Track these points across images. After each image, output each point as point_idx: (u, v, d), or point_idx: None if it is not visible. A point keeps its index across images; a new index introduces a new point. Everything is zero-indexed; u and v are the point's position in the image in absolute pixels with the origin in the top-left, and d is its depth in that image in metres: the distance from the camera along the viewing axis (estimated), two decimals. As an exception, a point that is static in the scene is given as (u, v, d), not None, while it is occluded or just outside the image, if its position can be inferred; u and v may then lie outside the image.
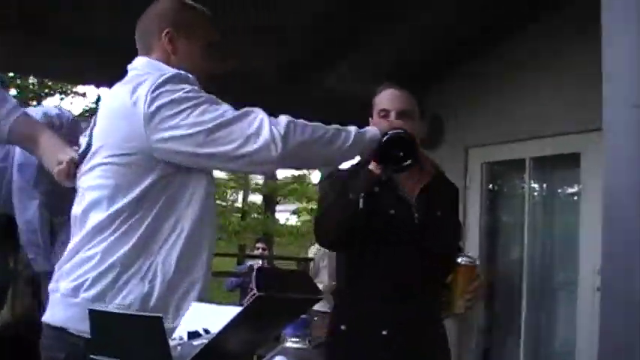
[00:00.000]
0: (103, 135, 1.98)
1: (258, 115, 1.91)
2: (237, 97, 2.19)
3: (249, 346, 1.15)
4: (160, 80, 1.91)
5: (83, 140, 2.08)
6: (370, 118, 2.54)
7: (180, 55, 2.11)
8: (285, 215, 22.95)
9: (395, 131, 2.19)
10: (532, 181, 6.22)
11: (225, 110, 1.91)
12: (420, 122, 2.53)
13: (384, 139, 2.17)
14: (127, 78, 2.07)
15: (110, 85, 2.13)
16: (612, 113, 1.86)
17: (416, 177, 2.50)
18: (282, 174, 20.68)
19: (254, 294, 1.01)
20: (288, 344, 1.11)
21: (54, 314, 1.96)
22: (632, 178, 1.80)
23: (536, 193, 6.45)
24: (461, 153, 6.24)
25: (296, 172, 20.18)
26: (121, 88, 2.02)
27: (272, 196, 21.31)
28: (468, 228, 6.09)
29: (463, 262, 2.39)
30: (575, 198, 5.90)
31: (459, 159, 6.25)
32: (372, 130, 2.18)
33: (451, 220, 2.63)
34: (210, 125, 1.87)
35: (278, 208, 22.45)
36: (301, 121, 1.98)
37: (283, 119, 1.93)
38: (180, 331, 1.18)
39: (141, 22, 2.17)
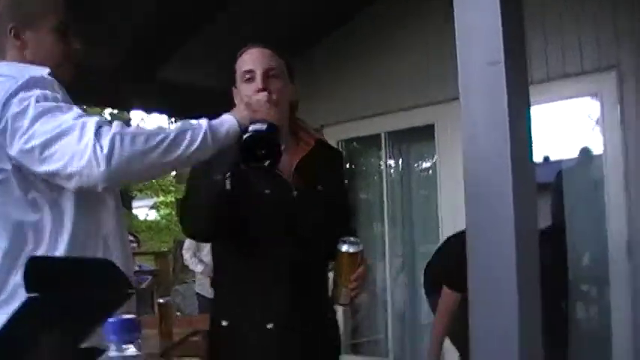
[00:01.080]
0: None
1: (87, 128, 1.70)
2: (76, 97, 1.99)
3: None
4: (11, 91, 1.77)
5: None
6: (234, 88, 2.28)
7: (31, 47, 1.97)
8: (144, 211, 22.36)
9: (256, 128, 1.94)
10: (389, 157, 6.25)
11: (63, 121, 1.73)
12: (290, 85, 2.28)
13: (244, 138, 1.93)
14: None
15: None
16: (468, 72, 1.79)
17: (292, 149, 2.29)
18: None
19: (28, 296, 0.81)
20: (112, 353, 0.90)
21: None
22: (490, 137, 1.73)
23: (392, 170, 6.50)
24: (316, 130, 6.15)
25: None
26: None
27: (127, 191, 20.68)
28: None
29: (344, 249, 2.13)
30: (432, 170, 5.98)
31: (315, 138, 6.16)
32: (228, 121, 1.93)
33: (335, 193, 2.39)
34: (43, 139, 1.71)
35: (136, 203, 21.83)
36: (132, 130, 1.75)
37: (108, 133, 1.70)
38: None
39: None
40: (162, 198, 20.69)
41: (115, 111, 14.15)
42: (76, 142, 1.69)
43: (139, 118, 17.71)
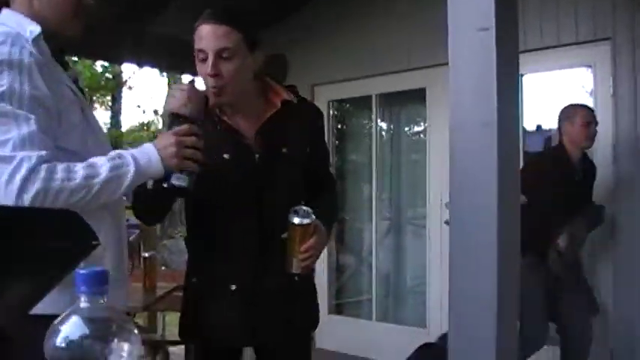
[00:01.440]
0: None
1: (20, 171, 1.65)
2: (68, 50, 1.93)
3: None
4: None
5: None
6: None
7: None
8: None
9: (178, 184, 1.90)
10: (380, 119, 6.24)
11: (5, 143, 1.67)
12: (250, 57, 2.16)
13: (163, 185, 1.91)
14: None
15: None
16: (458, 38, 1.78)
17: (256, 110, 2.26)
18: (128, 123, 19.54)
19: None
20: (83, 304, 0.90)
21: None
22: (477, 104, 1.73)
23: (384, 131, 6.49)
24: (307, 91, 6.14)
25: (145, 120, 19.45)
26: None
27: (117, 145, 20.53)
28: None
29: (294, 221, 2.08)
30: (422, 134, 5.97)
31: (305, 97, 6.14)
32: (155, 168, 1.86)
33: (306, 156, 2.33)
34: None
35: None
36: (58, 184, 1.69)
37: (34, 185, 1.65)
38: None
39: None
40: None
41: (107, 63, 14.03)
42: (4, 179, 1.65)
43: (130, 71, 17.57)
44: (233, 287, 2.23)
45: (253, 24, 2.22)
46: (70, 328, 0.89)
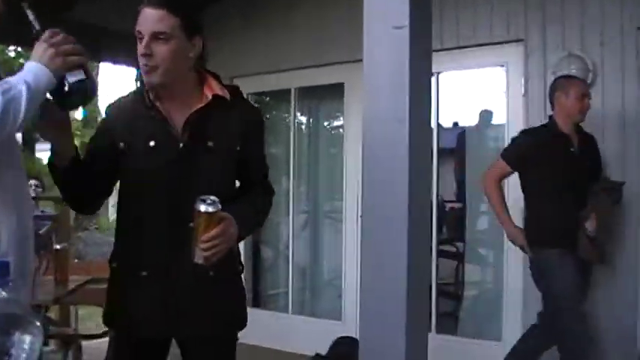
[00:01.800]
0: None
1: None
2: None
3: None
4: None
5: None
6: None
7: None
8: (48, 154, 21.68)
9: (77, 79, 1.89)
10: (298, 113, 6.25)
11: None
12: (188, 42, 2.20)
13: (66, 90, 1.89)
14: None
15: None
16: (373, 35, 1.80)
17: (189, 101, 2.27)
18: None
19: None
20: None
21: None
22: (391, 100, 1.76)
23: (302, 125, 6.51)
24: (226, 82, 6.10)
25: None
26: None
27: (30, 135, 19.96)
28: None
29: (200, 209, 2.04)
30: (340, 129, 6.02)
31: (225, 90, 6.12)
32: (44, 76, 1.83)
33: (232, 151, 2.32)
34: None
35: (39, 146, 21.10)
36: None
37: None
38: None
39: None
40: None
41: (19, 48, 13.60)
42: None
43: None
44: (144, 273, 2.24)
45: (192, 10, 2.28)
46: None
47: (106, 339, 2.79)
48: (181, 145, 2.23)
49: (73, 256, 6.58)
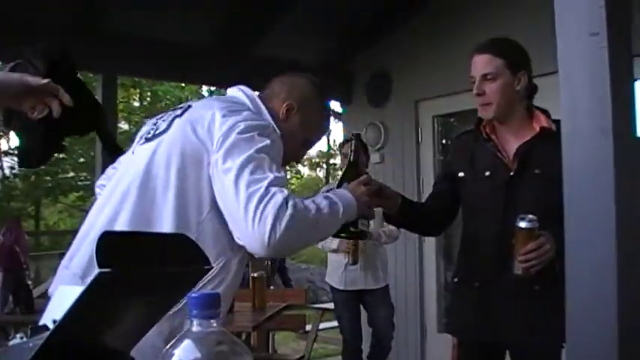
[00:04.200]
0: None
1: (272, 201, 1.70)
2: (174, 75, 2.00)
3: (119, 338, 0.94)
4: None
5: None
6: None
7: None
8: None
9: (363, 228, 2.25)
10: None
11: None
12: (513, 78, 2.56)
13: (350, 229, 2.15)
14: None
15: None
16: (567, 44, 1.71)
17: (517, 132, 2.60)
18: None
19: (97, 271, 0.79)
20: (195, 328, 0.90)
21: None
22: (591, 112, 1.65)
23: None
24: (411, 107, 6.12)
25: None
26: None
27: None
28: (422, 183, 6.01)
29: (521, 226, 2.31)
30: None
31: (410, 113, 6.15)
32: (351, 211, 2.00)
33: (551, 177, 2.34)
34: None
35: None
36: (310, 219, 1.80)
37: (284, 215, 1.70)
38: (46, 320, 0.96)
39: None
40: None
41: (213, 88, 14.33)
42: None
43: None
44: (476, 284, 2.59)
45: (513, 50, 2.61)
46: (183, 352, 0.89)
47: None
48: (512, 173, 2.54)
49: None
